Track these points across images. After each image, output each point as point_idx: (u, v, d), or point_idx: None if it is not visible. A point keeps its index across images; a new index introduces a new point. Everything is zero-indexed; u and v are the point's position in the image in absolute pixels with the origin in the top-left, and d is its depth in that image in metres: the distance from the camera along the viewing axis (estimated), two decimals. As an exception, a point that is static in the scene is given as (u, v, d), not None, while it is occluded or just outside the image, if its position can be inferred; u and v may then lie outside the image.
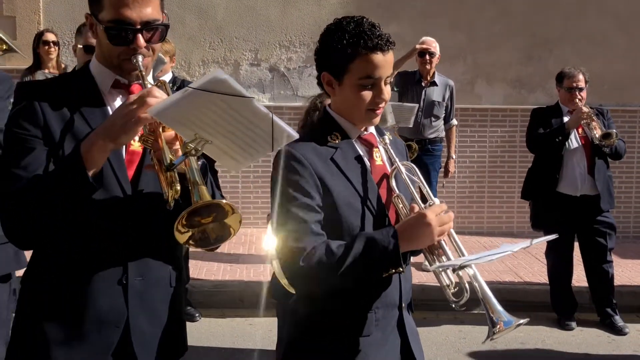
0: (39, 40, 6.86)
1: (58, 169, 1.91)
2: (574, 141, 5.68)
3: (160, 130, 1.92)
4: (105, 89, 2.08)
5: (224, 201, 1.83)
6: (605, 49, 8.43)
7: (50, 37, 6.90)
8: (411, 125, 6.32)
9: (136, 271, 2.06)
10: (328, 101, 3.68)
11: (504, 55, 8.46)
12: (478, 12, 8.39)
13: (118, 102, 2.08)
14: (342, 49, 2.15)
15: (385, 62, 2.16)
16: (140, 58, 1.98)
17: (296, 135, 1.91)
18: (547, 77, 8.51)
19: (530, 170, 6.04)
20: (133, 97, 1.89)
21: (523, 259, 7.20)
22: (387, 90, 2.21)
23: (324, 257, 2.06)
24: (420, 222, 2.09)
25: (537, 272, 6.74)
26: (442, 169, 7.11)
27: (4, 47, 4.09)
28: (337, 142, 2.23)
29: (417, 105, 6.35)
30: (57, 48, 6.91)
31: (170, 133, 1.91)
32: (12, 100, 2.65)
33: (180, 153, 1.89)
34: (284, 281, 3.35)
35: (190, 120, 1.81)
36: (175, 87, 5.75)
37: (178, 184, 1.86)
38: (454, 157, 7.18)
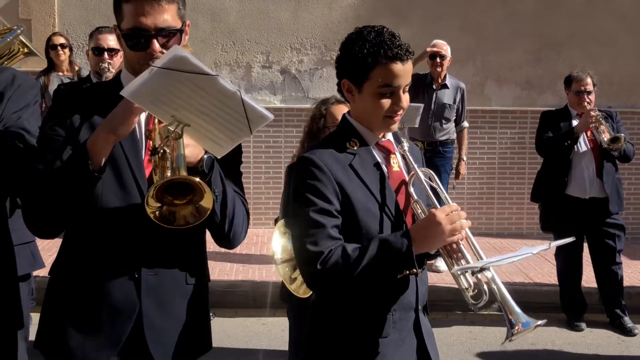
0: (48, 44, 6.94)
1: (66, 161, 2.05)
2: (582, 144, 5.72)
3: (156, 121, 2.03)
4: None
5: (196, 179, 1.88)
6: (613, 51, 8.46)
7: (58, 40, 6.96)
8: (417, 125, 6.32)
9: (150, 266, 2.18)
10: (333, 108, 3.78)
11: (513, 57, 8.50)
12: (487, 14, 8.43)
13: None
14: (363, 58, 2.21)
15: (404, 71, 2.23)
16: (157, 61, 2.03)
17: (270, 116, 1.99)
18: (556, 79, 8.54)
19: (540, 172, 6.08)
20: None
21: (533, 260, 7.23)
22: (405, 98, 2.28)
23: (340, 259, 2.11)
24: (430, 221, 2.14)
25: (547, 273, 6.78)
26: (453, 171, 7.16)
27: (25, 51, 4.16)
28: (355, 148, 2.29)
29: (422, 105, 6.33)
30: (66, 50, 6.95)
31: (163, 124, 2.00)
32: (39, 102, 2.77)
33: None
34: (291, 287, 3.41)
35: (164, 101, 1.92)
36: None
37: (168, 171, 1.92)
38: (464, 159, 7.21)
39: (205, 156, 2.06)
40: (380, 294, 2.24)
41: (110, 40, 4.86)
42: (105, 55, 4.87)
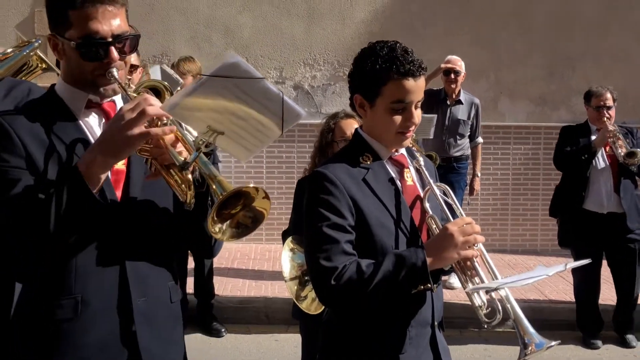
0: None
1: (57, 191, 1.82)
2: (600, 160, 5.69)
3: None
4: (77, 110, 2.02)
5: (251, 185, 1.81)
6: (628, 66, 8.41)
7: None
8: (431, 137, 6.25)
9: (138, 291, 2.02)
10: (342, 122, 3.78)
11: (527, 73, 8.48)
12: (500, 30, 8.41)
13: (92, 119, 2.05)
14: (375, 73, 2.20)
15: (416, 87, 2.22)
16: (114, 71, 1.94)
17: (303, 113, 1.92)
18: (570, 94, 8.53)
19: (558, 187, 6.06)
20: (128, 108, 1.85)
21: (549, 277, 7.16)
22: (417, 114, 2.27)
23: (354, 275, 2.10)
24: (443, 234, 2.14)
25: (562, 291, 6.71)
26: (468, 187, 7.12)
27: (44, 66, 4.19)
28: (368, 163, 2.28)
29: (435, 115, 6.28)
30: None
31: (171, 136, 1.88)
32: None
33: (185, 153, 1.87)
34: (302, 305, 3.39)
35: (202, 112, 1.81)
36: None
37: (192, 184, 1.85)
38: (479, 175, 7.17)
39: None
40: (397, 310, 2.23)
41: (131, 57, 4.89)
42: None
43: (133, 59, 4.96)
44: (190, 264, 5.73)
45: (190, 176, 1.87)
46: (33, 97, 2.38)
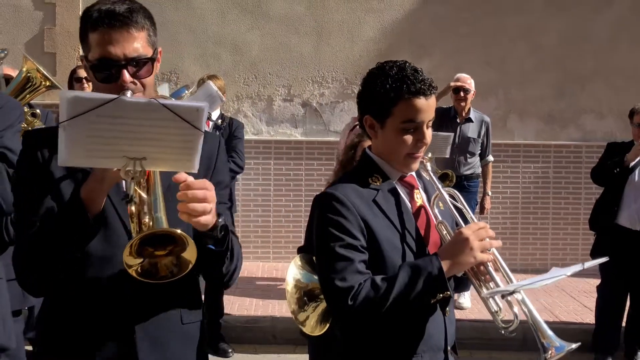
0: (71, 78, 6.96)
1: (60, 215, 1.89)
2: (637, 175, 5.64)
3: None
4: None
5: (178, 231, 1.70)
6: (637, 84, 8.35)
7: (82, 73, 7.00)
8: (447, 156, 6.21)
9: (143, 314, 2.02)
10: (365, 142, 3.73)
11: (536, 91, 8.45)
12: (510, 48, 8.40)
13: None
14: (385, 93, 2.17)
15: (427, 106, 2.19)
16: (128, 93, 1.93)
17: (204, 104, 1.77)
18: (580, 113, 8.50)
19: (597, 201, 6.02)
20: None
21: (558, 297, 7.09)
22: (428, 134, 2.24)
23: (371, 291, 2.06)
24: (458, 239, 2.11)
25: (572, 311, 6.63)
26: (478, 206, 7.06)
27: (47, 84, 4.20)
28: (378, 184, 2.25)
29: (451, 134, 6.24)
30: (90, 83, 6.96)
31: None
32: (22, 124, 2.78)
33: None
34: (305, 329, 3.29)
35: (100, 150, 1.75)
36: (224, 124, 5.83)
37: (146, 217, 1.77)
38: (489, 193, 7.09)
39: (219, 220, 1.89)
40: (409, 335, 2.19)
41: None
42: None
43: None
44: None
45: (132, 208, 1.79)
46: (1, 105, 2.50)
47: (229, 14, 8.28)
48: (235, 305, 6.50)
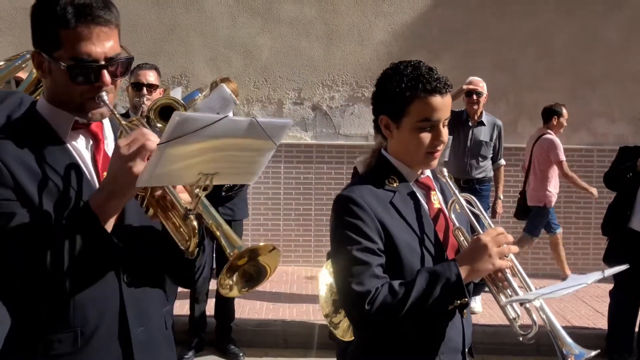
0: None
1: (71, 233, 1.73)
2: None
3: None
4: (63, 132, 1.90)
5: (261, 244, 1.72)
6: (650, 88, 8.33)
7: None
8: (446, 159, 6.18)
9: (136, 321, 1.93)
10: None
11: (547, 95, 8.40)
12: (521, 52, 8.37)
13: (80, 142, 1.93)
14: (401, 93, 2.16)
15: (443, 104, 2.18)
16: (104, 95, 1.83)
17: (289, 121, 1.79)
18: (591, 117, 8.45)
19: (609, 206, 5.99)
20: (124, 143, 1.73)
21: (570, 302, 7.04)
22: (445, 133, 2.22)
23: (388, 296, 2.04)
24: (476, 246, 2.08)
25: (584, 316, 6.59)
26: (490, 209, 7.02)
27: None
28: (394, 185, 2.23)
29: (450, 137, 6.22)
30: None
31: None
32: None
33: (186, 196, 1.78)
34: (338, 332, 3.29)
35: (184, 167, 1.68)
36: None
37: (197, 232, 1.74)
38: (501, 197, 7.08)
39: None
40: (428, 338, 2.17)
41: (150, 77, 4.97)
42: (144, 90, 4.93)
43: (153, 78, 4.99)
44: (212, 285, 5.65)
45: (195, 223, 1.74)
46: (24, 109, 2.19)
47: (240, 18, 8.29)
48: (245, 308, 6.48)
